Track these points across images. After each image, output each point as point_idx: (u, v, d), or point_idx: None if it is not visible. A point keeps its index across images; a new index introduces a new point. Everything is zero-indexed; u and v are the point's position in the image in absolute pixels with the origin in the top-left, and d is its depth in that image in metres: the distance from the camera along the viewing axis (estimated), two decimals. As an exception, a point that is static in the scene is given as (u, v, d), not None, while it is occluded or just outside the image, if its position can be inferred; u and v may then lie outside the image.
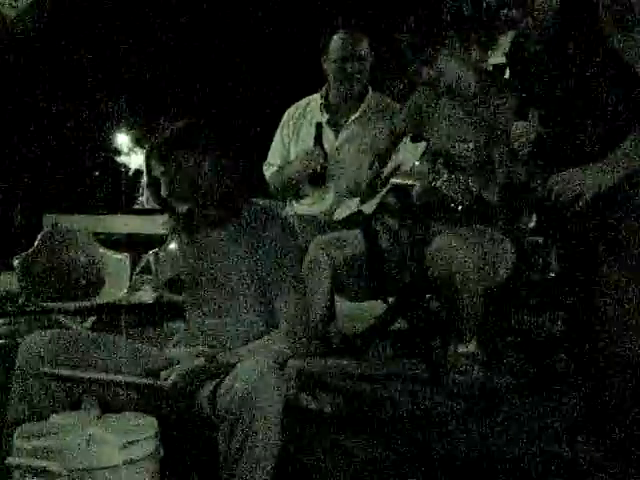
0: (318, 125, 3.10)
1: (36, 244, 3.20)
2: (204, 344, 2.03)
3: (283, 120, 3.26)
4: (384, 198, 2.82)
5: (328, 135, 3.13)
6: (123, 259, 3.17)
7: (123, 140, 6.13)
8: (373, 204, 2.87)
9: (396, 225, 2.80)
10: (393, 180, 2.79)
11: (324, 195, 3.11)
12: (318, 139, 3.08)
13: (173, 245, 2.28)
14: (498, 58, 2.80)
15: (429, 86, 2.72)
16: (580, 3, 2.00)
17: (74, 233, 3.21)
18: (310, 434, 2.20)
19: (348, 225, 2.95)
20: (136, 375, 1.94)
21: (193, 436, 1.95)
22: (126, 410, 1.88)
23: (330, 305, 2.80)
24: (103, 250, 3.23)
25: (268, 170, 3.25)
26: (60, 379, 1.88)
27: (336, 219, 3.02)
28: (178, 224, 2.09)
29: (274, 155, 3.25)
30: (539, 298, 2.97)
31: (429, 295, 2.90)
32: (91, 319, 2.95)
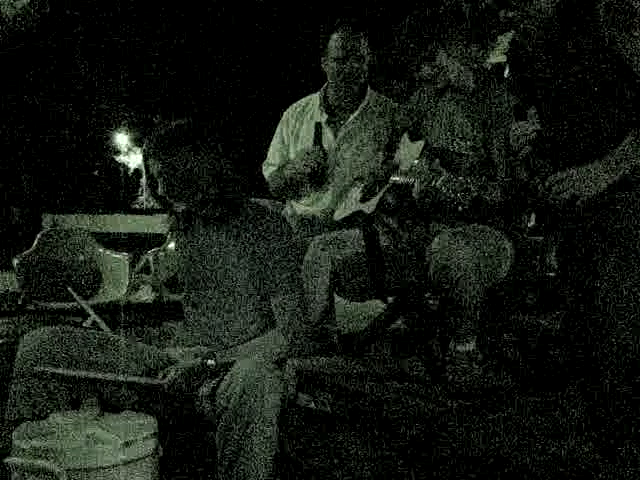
0: (317, 125, 3.10)
1: (35, 244, 3.20)
2: (203, 343, 2.04)
3: (282, 120, 3.26)
4: (384, 197, 2.82)
5: (327, 134, 3.12)
6: (122, 259, 3.17)
7: (122, 140, 6.14)
8: (373, 204, 2.87)
9: (396, 224, 2.80)
10: (392, 179, 2.79)
11: (323, 195, 3.10)
12: (317, 139, 3.08)
13: (172, 245, 2.28)
14: (498, 57, 2.79)
15: (428, 83, 2.72)
16: (579, 3, 2.00)
17: (73, 233, 3.22)
18: (309, 434, 2.20)
19: (347, 225, 2.95)
20: (135, 374, 1.94)
21: (192, 435, 1.95)
22: (125, 409, 1.88)
23: (329, 304, 2.80)
24: (102, 250, 3.23)
25: (267, 170, 3.25)
26: (58, 378, 1.87)
27: (336, 219, 3.02)
28: (176, 223, 2.10)
29: (273, 155, 3.25)
30: (538, 297, 2.98)
31: (428, 294, 2.91)
32: (90, 318, 2.95)
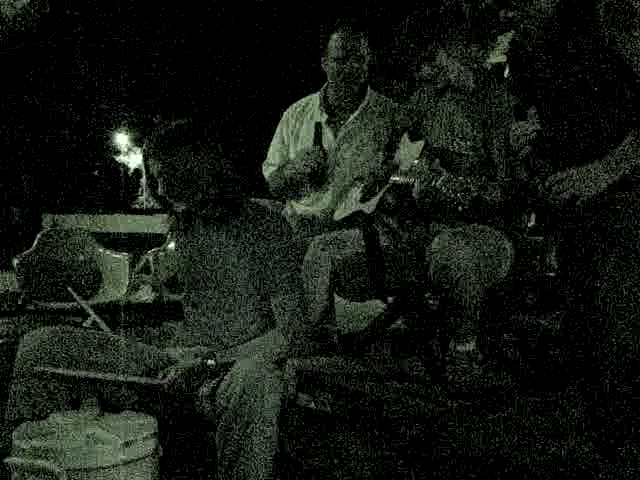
0: (317, 125, 3.10)
1: (35, 244, 3.20)
2: (203, 343, 2.04)
3: (282, 119, 3.26)
4: (384, 197, 2.82)
5: (327, 134, 3.12)
6: (122, 259, 3.17)
7: (122, 140, 6.14)
8: (373, 204, 2.87)
9: (396, 224, 2.79)
10: (392, 179, 2.79)
11: (323, 195, 3.10)
12: (317, 139, 3.08)
13: (172, 245, 2.28)
14: (498, 57, 2.79)
15: (428, 83, 2.72)
16: (579, 3, 2.00)
17: (73, 233, 3.22)
18: (309, 434, 2.20)
19: (347, 225, 2.94)
20: (135, 374, 1.94)
21: (192, 435, 1.95)
22: (125, 410, 1.88)
23: (329, 304, 2.80)
24: (102, 250, 3.23)
25: (267, 170, 3.25)
26: (58, 378, 1.87)
27: (335, 219, 3.02)
28: (177, 223, 2.10)
29: (273, 155, 3.25)
30: (538, 297, 2.98)
31: (428, 294, 2.91)
32: (90, 318, 2.95)
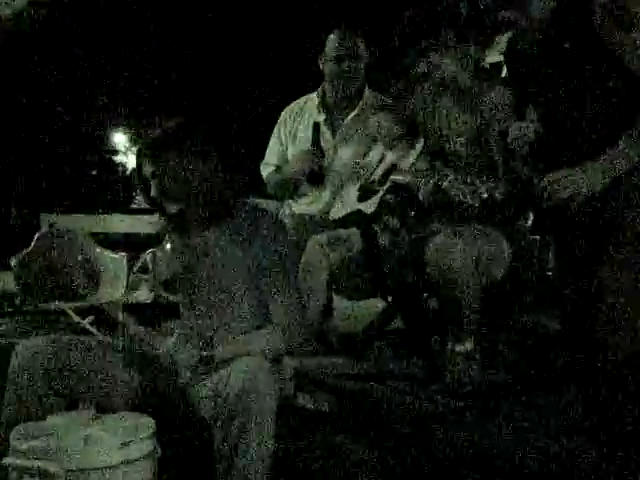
0: (315, 124, 3.10)
1: (33, 244, 3.19)
2: (200, 345, 2.02)
3: (280, 119, 3.26)
4: (384, 196, 2.82)
5: (325, 134, 3.12)
6: (120, 259, 3.16)
7: (120, 140, 6.14)
8: (373, 203, 2.87)
9: (397, 224, 2.79)
10: (392, 178, 2.79)
11: (322, 194, 3.10)
12: (315, 138, 3.08)
13: (170, 245, 2.27)
14: (495, 57, 2.79)
15: (424, 81, 2.71)
16: (577, 3, 2.00)
17: (71, 233, 3.21)
18: (307, 434, 2.19)
19: (345, 224, 2.94)
20: (133, 381, 1.95)
21: (190, 436, 1.95)
22: (123, 410, 1.87)
23: (328, 304, 2.80)
24: (100, 250, 3.22)
25: (265, 169, 3.25)
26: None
27: (332, 218, 3.02)
28: (168, 224, 2.08)
29: (271, 154, 3.25)
30: (537, 296, 2.97)
31: (427, 294, 2.90)
32: (88, 319, 2.95)
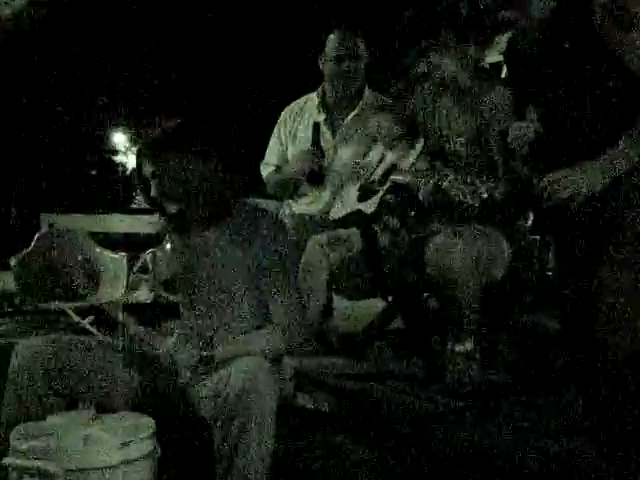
0: (315, 124, 3.10)
1: (33, 244, 3.19)
2: (200, 345, 2.02)
3: (280, 119, 3.26)
4: (385, 196, 2.82)
5: (325, 134, 3.12)
6: (120, 259, 3.16)
7: (120, 140, 6.13)
8: (373, 203, 2.87)
9: (397, 224, 2.79)
10: (392, 178, 2.79)
11: (321, 194, 3.10)
12: (315, 138, 3.08)
13: (170, 245, 2.27)
14: (495, 57, 2.79)
15: (424, 80, 2.71)
16: (577, 3, 2.00)
17: (71, 233, 3.21)
18: (307, 434, 2.19)
19: (345, 224, 2.94)
20: (133, 380, 1.95)
21: (190, 436, 1.95)
22: (123, 410, 1.87)
23: (328, 303, 2.80)
24: (100, 250, 3.22)
25: (265, 169, 3.25)
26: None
27: (332, 218, 3.02)
28: (168, 225, 2.08)
29: (271, 154, 3.24)
30: (536, 296, 2.97)
31: (427, 294, 2.90)
32: (88, 319, 2.95)
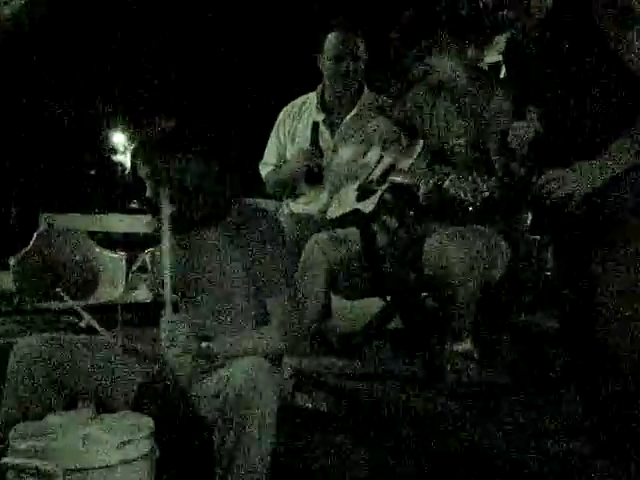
0: (314, 124, 3.10)
1: (31, 243, 3.20)
2: (197, 339, 2.02)
3: (279, 119, 3.26)
4: (383, 196, 2.82)
5: (324, 134, 3.12)
6: (119, 258, 3.17)
7: (119, 139, 6.13)
8: (372, 203, 2.87)
9: (395, 224, 2.79)
10: (392, 178, 2.79)
11: (320, 194, 3.10)
12: (314, 138, 3.08)
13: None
14: (494, 57, 2.79)
15: (423, 81, 2.71)
16: (576, 2, 2.00)
17: (69, 232, 3.21)
18: (306, 434, 2.19)
19: (343, 224, 2.94)
20: (131, 379, 1.94)
21: (189, 436, 1.95)
22: (122, 409, 1.87)
23: (326, 303, 2.80)
24: (99, 249, 3.23)
25: (264, 169, 3.25)
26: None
27: (329, 217, 3.01)
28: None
29: (270, 154, 3.25)
30: (535, 296, 2.98)
31: (425, 294, 2.91)
32: (86, 319, 2.95)
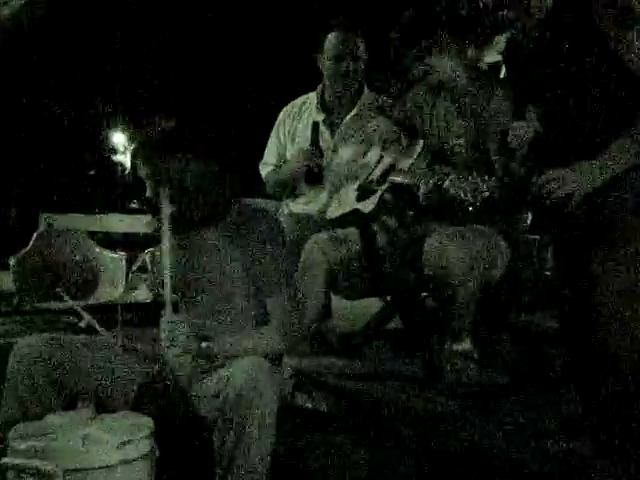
0: (314, 124, 3.10)
1: (31, 243, 3.20)
2: (197, 339, 2.02)
3: (279, 119, 3.26)
4: (383, 196, 2.82)
5: (324, 134, 3.12)
6: (119, 258, 3.17)
7: (119, 139, 6.13)
8: (372, 203, 2.87)
9: (395, 224, 2.79)
10: (392, 178, 2.79)
11: (320, 194, 3.10)
12: (314, 138, 3.08)
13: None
14: (494, 57, 2.79)
15: (423, 81, 2.71)
16: (576, 2, 2.00)
17: (69, 232, 3.21)
18: (306, 434, 2.20)
19: (343, 224, 2.94)
20: (131, 378, 1.95)
21: (189, 436, 1.95)
22: (122, 409, 1.87)
23: (326, 303, 2.80)
24: (99, 249, 3.23)
25: (264, 169, 3.25)
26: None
27: (328, 217, 3.01)
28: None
29: (270, 154, 3.25)
30: (535, 296, 2.98)
31: (425, 294, 2.91)
32: (86, 319, 2.95)
